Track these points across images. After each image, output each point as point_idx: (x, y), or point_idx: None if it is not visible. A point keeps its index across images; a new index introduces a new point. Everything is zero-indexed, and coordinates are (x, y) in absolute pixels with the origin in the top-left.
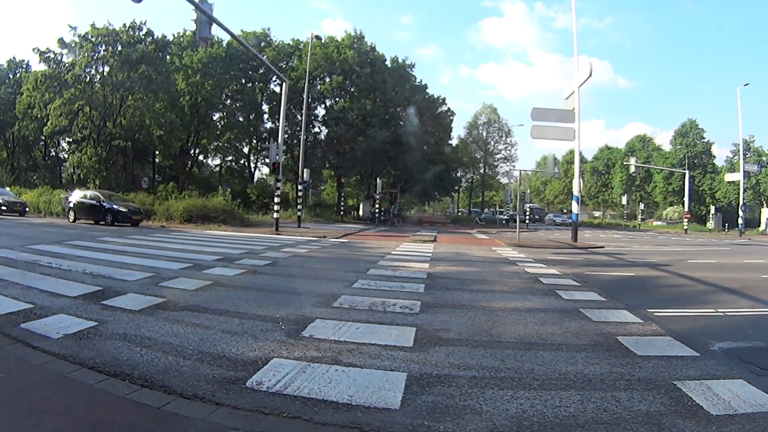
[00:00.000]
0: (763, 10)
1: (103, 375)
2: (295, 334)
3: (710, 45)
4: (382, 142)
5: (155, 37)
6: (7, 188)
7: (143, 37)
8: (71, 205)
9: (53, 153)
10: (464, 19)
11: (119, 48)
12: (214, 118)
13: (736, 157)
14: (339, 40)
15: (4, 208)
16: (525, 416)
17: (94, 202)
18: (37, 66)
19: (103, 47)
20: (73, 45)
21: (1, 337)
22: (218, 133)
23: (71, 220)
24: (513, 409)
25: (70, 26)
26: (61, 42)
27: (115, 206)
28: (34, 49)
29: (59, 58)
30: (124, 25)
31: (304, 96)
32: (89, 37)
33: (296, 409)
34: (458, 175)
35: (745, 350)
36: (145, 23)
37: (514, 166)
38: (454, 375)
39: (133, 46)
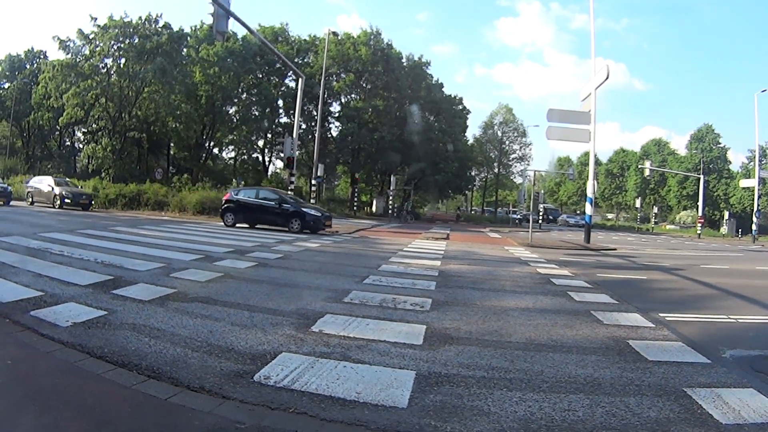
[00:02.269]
0: None
1: (111, 365)
2: (305, 328)
3: (727, 49)
4: (395, 140)
5: (172, 29)
6: (67, 179)
7: (160, 29)
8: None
9: (68, 143)
10: (480, 18)
11: (136, 39)
12: (230, 111)
13: (752, 162)
14: (355, 36)
15: (68, 200)
16: (533, 419)
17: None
18: (55, 56)
19: (121, 38)
20: (92, 35)
21: (11, 324)
22: (233, 126)
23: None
24: (521, 411)
25: (91, 16)
26: (80, 32)
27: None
28: (54, 37)
29: (78, 47)
30: (140, 17)
31: (320, 92)
32: (107, 28)
33: (303, 405)
34: (472, 173)
35: (757, 358)
36: (161, 15)
37: (528, 166)
38: (462, 375)
39: (149, 38)
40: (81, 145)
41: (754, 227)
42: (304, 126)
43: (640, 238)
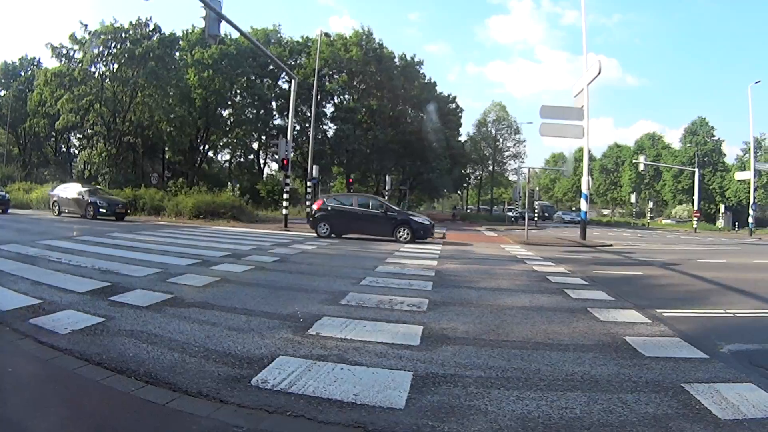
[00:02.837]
0: None
1: (110, 371)
2: (302, 331)
3: (720, 42)
4: (389, 140)
5: (162, 33)
6: (98, 186)
7: (150, 33)
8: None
9: (64, 149)
10: (471, 17)
11: (128, 44)
12: (224, 114)
13: (747, 155)
14: (347, 37)
15: (102, 210)
16: (530, 417)
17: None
18: (49, 62)
19: (112, 44)
20: (84, 41)
21: (10, 332)
22: (227, 129)
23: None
24: (518, 409)
25: (81, 23)
26: (73, 38)
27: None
28: (46, 45)
29: (71, 54)
30: (131, 22)
31: (314, 93)
32: (98, 33)
33: (300, 408)
34: (467, 171)
35: (755, 353)
36: (150, 19)
37: (522, 164)
38: (460, 375)
39: (139, 42)
40: (76, 151)
41: (750, 220)
42: (298, 127)
43: (635, 234)
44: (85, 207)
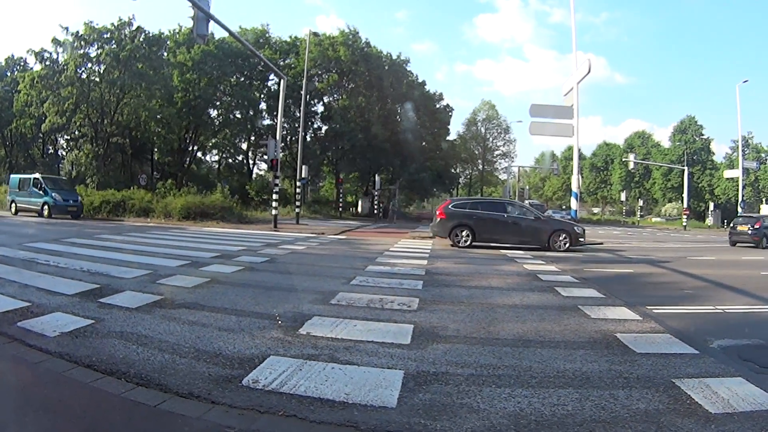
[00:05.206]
0: (762, 5)
1: (99, 373)
2: (293, 331)
3: (708, 41)
4: (379, 139)
5: (147, 33)
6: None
7: (134, 32)
8: None
9: (51, 150)
10: (459, 15)
11: (113, 45)
12: (212, 114)
13: (735, 153)
14: (334, 37)
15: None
16: (522, 414)
17: None
18: (35, 64)
19: (96, 45)
20: (66, 44)
21: None
22: (215, 129)
23: None
24: (510, 407)
25: (61, 26)
26: (56, 41)
27: None
28: (28, 51)
29: (54, 57)
30: (113, 23)
31: (303, 93)
32: (81, 35)
33: (292, 408)
34: (457, 171)
35: (744, 348)
36: (134, 17)
37: (512, 163)
38: (451, 373)
39: (123, 43)
40: (64, 153)
41: None
42: (288, 127)
43: (626, 232)
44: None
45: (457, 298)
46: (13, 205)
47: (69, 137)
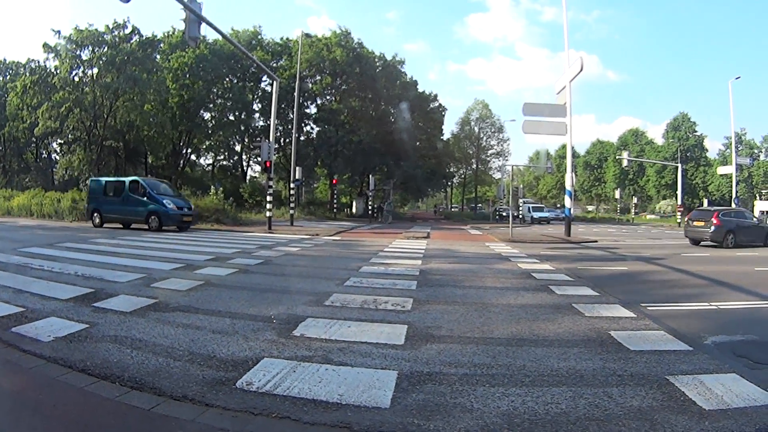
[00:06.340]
0: (754, 2)
1: (94, 378)
2: (286, 333)
3: (700, 38)
4: (373, 140)
5: (142, 36)
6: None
7: (129, 35)
8: None
9: (45, 155)
10: (450, 15)
11: (105, 49)
12: (205, 117)
13: (729, 149)
14: (328, 37)
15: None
16: (516, 413)
17: None
18: (23, 73)
19: (89, 49)
20: (58, 48)
21: None
22: (209, 131)
23: None
24: (504, 406)
25: (54, 30)
26: (47, 46)
27: None
28: (14, 63)
29: (45, 63)
30: (107, 26)
31: (296, 95)
32: (73, 39)
33: (286, 410)
34: (451, 170)
35: (738, 344)
36: (128, 20)
37: (506, 161)
38: (445, 372)
39: (118, 46)
40: (57, 157)
41: None
42: (281, 128)
43: (620, 229)
44: None
45: (451, 297)
46: (97, 215)
47: (62, 141)
